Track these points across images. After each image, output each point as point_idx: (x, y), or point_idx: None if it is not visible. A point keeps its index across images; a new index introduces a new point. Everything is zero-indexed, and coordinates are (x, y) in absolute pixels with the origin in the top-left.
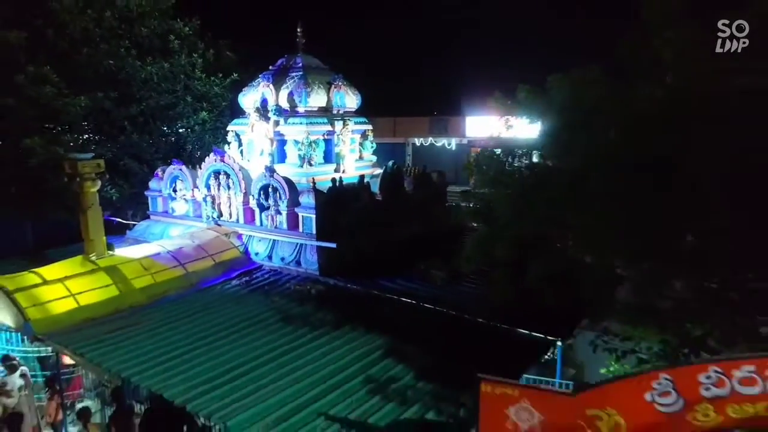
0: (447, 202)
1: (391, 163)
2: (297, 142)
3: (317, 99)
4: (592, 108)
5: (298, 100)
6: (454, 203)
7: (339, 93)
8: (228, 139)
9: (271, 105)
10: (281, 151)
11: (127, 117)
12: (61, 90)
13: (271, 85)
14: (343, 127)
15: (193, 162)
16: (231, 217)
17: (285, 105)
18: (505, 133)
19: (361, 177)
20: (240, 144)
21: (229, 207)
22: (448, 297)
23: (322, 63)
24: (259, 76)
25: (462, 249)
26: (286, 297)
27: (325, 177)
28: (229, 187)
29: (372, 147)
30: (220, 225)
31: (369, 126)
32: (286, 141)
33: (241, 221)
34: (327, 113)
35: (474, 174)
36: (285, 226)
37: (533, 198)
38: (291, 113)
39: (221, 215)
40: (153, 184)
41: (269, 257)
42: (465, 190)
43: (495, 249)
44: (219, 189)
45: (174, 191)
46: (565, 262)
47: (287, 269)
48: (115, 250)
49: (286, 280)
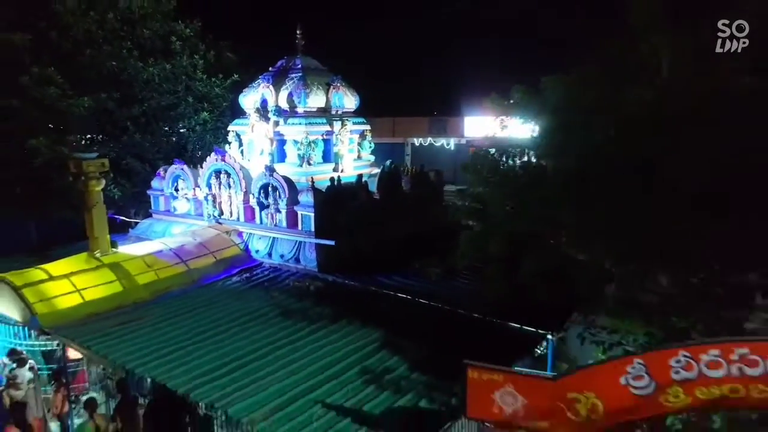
0: (444, 200)
1: (389, 163)
2: (296, 142)
3: (316, 100)
4: (584, 109)
5: (297, 100)
6: (450, 202)
7: (338, 94)
8: (229, 139)
9: (271, 106)
10: (281, 151)
11: (130, 117)
12: (65, 91)
13: (271, 86)
14: (342, 128)
15: (195, 161)
16: (232, 216)
17: (284, 106)
18: (501, 133)
19: (359, 176)
20: (240, 144)
21: (230, 205)
22: (442, 292)
23: (321, 64)
24: (259, 77)
25: (457, 246)
26: (285, 293)
27: (324, 176)
28: (230, 186)
29: (370, 147)
30: (221, 223)
31: (367, 126)
32: (285, 141)
33: (242, 219)
34: (326, 114)
35: (469, 173)
36: (284, 224)
37: (527, 197)
38: (290, 114)
39: (222, 213)
40: (155, 183)
41: (269, 254)
42: (461, 189)
43: (489, 245)
44: (220, 188)
45: (176, 190)
46: (558, 258)
47: (287, 266)
48: (119, 247)
49: (285, 276)
